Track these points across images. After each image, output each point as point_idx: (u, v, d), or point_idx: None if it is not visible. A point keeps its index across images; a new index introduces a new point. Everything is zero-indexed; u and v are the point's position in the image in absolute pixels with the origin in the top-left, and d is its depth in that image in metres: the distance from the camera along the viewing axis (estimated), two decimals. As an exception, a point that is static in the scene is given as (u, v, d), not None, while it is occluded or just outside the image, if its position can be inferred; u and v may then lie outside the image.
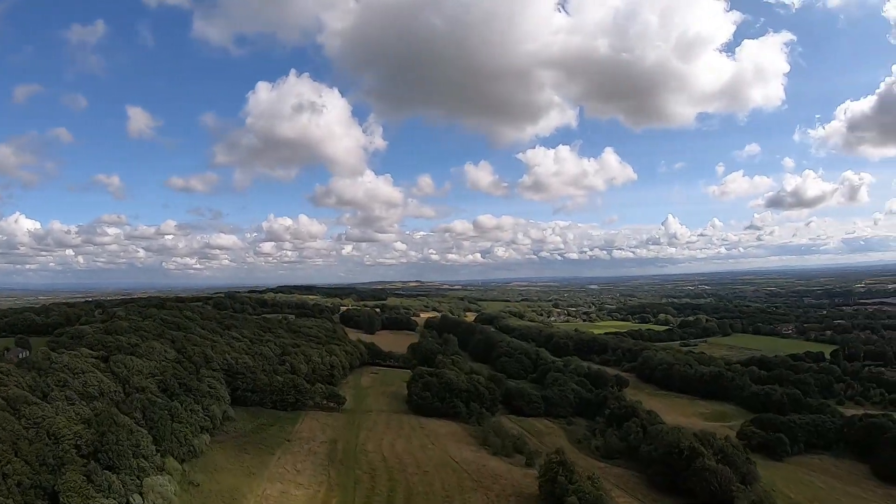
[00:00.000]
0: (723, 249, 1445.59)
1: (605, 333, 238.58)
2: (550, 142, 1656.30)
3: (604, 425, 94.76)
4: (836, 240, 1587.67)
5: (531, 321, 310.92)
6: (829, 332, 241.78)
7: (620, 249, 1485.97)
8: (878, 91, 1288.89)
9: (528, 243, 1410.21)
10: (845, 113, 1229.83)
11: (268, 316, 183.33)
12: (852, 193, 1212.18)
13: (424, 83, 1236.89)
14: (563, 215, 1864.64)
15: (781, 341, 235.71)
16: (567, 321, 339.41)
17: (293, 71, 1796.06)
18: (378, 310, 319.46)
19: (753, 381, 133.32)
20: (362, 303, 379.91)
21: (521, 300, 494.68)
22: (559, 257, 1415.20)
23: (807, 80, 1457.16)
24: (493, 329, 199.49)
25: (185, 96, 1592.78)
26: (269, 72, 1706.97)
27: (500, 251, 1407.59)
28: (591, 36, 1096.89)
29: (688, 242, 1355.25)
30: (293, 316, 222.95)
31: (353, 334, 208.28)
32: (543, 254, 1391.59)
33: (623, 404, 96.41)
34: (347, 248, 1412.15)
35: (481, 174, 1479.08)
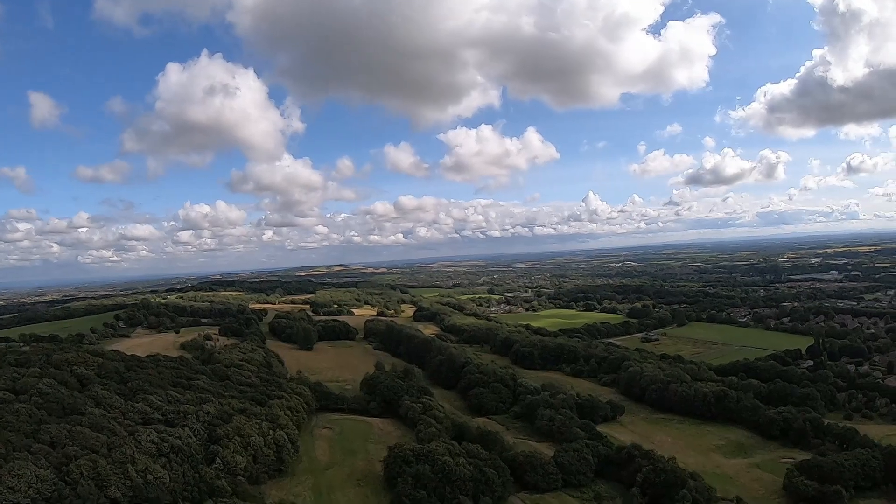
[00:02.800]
0: (642, 224, 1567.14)
1: (561, 331, 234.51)
2: (473, 122, 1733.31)
3: (640, 497, 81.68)
4: (752, 214, 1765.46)
5: (474, 315, 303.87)
6: (786, 320, 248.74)
7: (542, 226, 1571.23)
8: (798, 74, 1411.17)
9: (451, 223, 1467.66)
10: (766, 95, 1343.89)
11: (187, 356, 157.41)
12: (769, 171, 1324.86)
13: (343, 63, 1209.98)
14: (485, 194, 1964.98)
15: (740, 331, 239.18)
16: (509, 311, 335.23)
17: (205, 51, 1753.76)
18: (310, 310, 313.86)
19: (756, 397, 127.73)
20: (290, 298, 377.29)
21: (454, 286, 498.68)
22: (482, 235, 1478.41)
23: (731, 63, 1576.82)
24: (452, 345, 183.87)
25: (90, 81, 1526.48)
26: (179, 52, 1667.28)
27: (423, 231, 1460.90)
28: (516, 14, 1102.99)
29: (608, 218, 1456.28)
30: (216, 332, 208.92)
31: (288, 352, 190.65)
32: (466, 233, 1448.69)
33: (658, 466, 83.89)
34: (268, 234, 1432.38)
35: (402, 155, 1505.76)
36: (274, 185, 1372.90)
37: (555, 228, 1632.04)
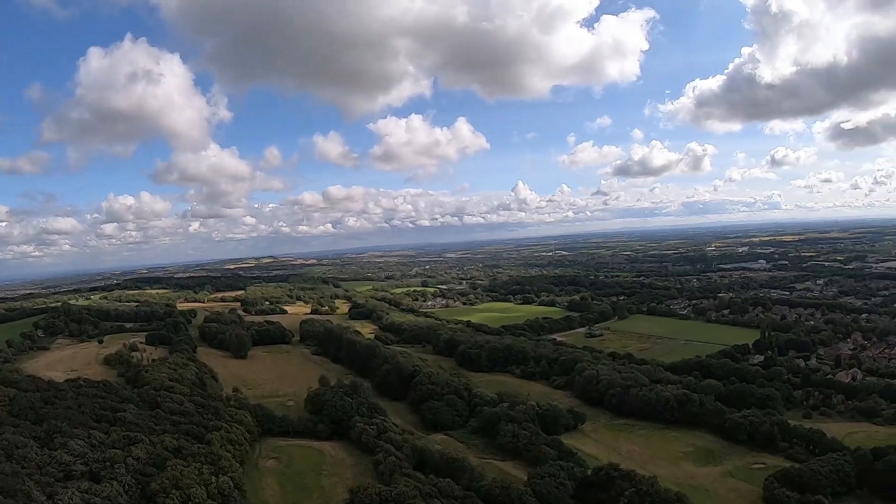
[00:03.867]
0: (571, 213, 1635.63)
1: (504, 327, 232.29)
2: (403, 112, 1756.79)
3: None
4: (678, 203, 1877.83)
5: (412, 311, 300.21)
6: (726, 312, 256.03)
7: (472, 216, 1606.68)
8: (727, 71, 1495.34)
9: (380, 212, 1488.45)
10: (694, 90, 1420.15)
11: (111, 379, 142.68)
12: (696, 163, 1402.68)
13: (272, 50, 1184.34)
14: (414, 184, 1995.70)
15: (682, 324, 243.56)
16: (446, 305, 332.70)
17: (129, 35, 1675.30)
18: (240, 308, 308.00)
19: (716, 399, 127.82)
20: (220, 296, 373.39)
21: (387, 278, 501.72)
22: (411, 225, 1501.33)
23: (663, 57, 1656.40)
24: (399, 351, 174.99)
25: (4, 66, 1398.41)
26: (101, 36, 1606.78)
27: (352, 221, 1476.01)
28: (450, 4, 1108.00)
29: (537, 208, 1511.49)
30: (142, 341, 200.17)
31: (220, 361, 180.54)
32: (395, 222, 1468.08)
33: (642, 489, 79.67)
34: (195, 226, 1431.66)
35: (331, 145, 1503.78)
36: (200, 176, 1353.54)
37: (484, 218, 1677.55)
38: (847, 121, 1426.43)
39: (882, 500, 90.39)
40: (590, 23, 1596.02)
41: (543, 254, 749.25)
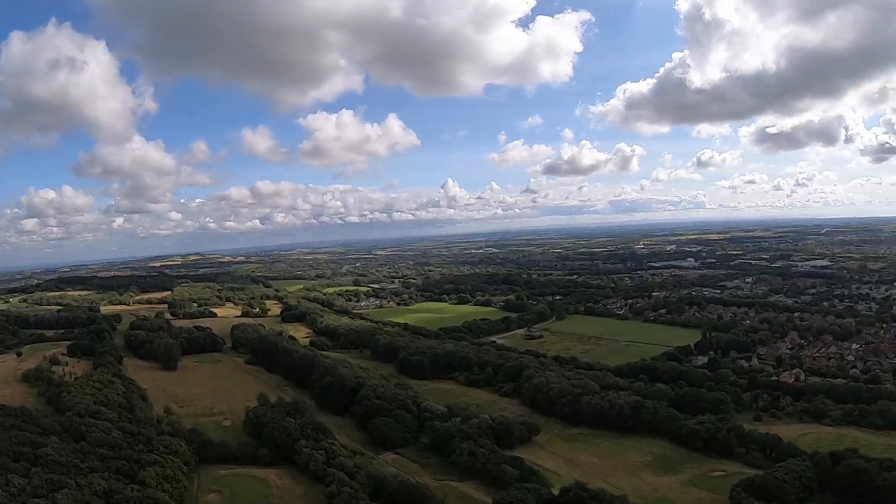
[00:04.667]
0: (499, 211, 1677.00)
1: (442, 329, 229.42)
2: (334, 107, 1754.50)
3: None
4: (605, 202, 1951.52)
5: (346, 313, 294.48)
6: (663, 312, 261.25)
7: (401, 212, 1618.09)
8: (657, 75, 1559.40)
9: (308, 208, 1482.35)
10: (625, 93, 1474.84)
11: (29, 405, 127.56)
12: (624, 163, 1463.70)
13: (200, 39, 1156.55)
14: (344, 180, 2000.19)
15: (621, 324, 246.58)
16: (380, 306, 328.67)
17: (53, 20, 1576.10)
18: (168, 311, 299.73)
19: (669, 404, 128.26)
20: (146, 297, 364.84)
21: (317, 276, 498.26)
22: (340, 221, 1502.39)
23: (596, 59, 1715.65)
24: (339, 360, 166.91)
25: None
26: (25, 20, 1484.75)
27: (280, 217, 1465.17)
28: None
29: (467, 205, 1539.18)
30: (64, 352, 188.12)
31: (149, 374, 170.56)
32: (324, 218, 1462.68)
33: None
34: (118, 221, 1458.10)
35: (259, 139, 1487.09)
36: (124, 169, 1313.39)
37: (413, 214, 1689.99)
38: (772, 126, 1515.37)
39: (843, 501, 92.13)
40: (525, 23, 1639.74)
41: (474, 251, 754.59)
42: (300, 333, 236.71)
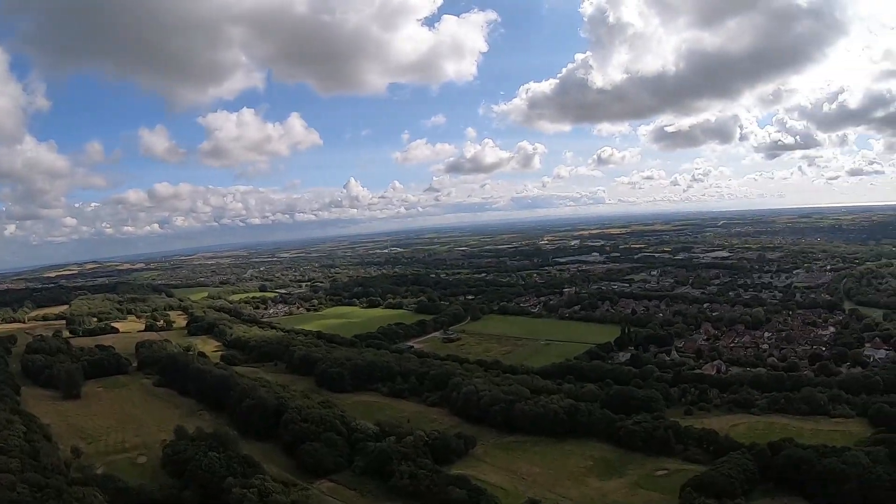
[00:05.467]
0: (402, 209, 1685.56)
1: (357, 337, 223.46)
2: (234, 105, 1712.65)
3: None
4: (507, 199, 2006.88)
5: (255, 322, 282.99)
6: (577, 308, 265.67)
7: (303, 213, 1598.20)
8: (560, 75, 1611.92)
9: (209, 211, 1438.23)
10: (528, 92, 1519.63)
11: None
12: (526, 161, 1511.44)
13: (95, 32, 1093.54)
14: (245, 181, 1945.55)
15: (537, 322, 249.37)
16: (289, 313, 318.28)
17: None
18: (66, 328, 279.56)
19: (602, 406, 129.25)
20: (41, 313, 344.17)
21: (221, 283, 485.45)
22: (241, 223, 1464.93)
23: (500, 59, 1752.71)
24: (256, 379, 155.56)
25: None
26: None
27: (180, 221, 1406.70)
28: None
29: (369, 204, 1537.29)
30: None
31: (51, 406, 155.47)
32: (225, 221, 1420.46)
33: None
34: (10, 228, 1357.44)
35: (157, 139, 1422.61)
36: (14, 172, 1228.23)
37: (315, 215, 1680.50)
38: (671, 124, 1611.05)
39: (784, 492, 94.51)
40: (431, 22, 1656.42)
41: (379, 251, 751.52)
42: (209, 347, 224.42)
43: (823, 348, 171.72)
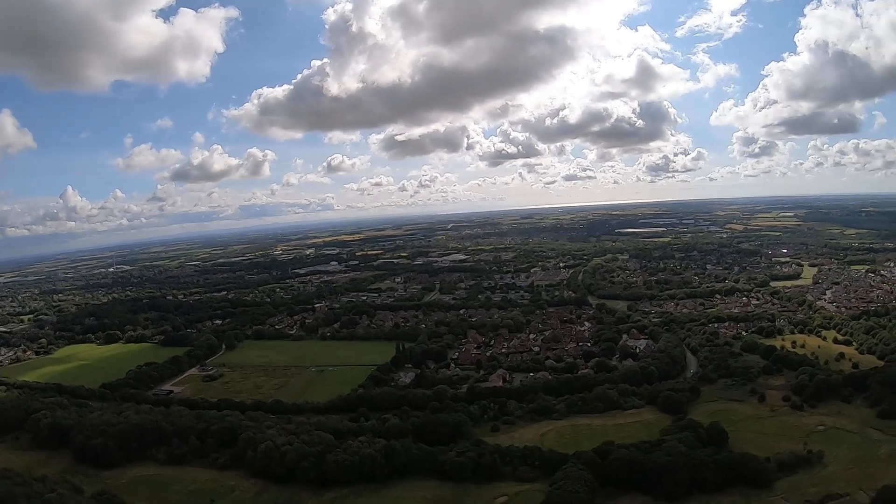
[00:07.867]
0: (125, 221, 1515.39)
1: (104, 386, 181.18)
2: None
3: None
4: (235, 207, 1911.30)
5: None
6: (337, 327, 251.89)
7: (15, 227, 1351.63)
8: (295, 81, 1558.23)
9: None
10: (260, 98, 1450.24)
11: None
12: (256, 168, 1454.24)
13: None
14: None
15: (299, 346, 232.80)
16: (17, 360, 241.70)
17: None
18: None
19: (415, 438, 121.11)
20: None
21: None
22: None
23: (236, 61, 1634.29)
24: (6, 475, 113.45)
25: None
26: None
27: None
28: None
29: (89, 216, 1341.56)
30: None
31: None
32: None
33: None
34: None
35: None
36: None
37: (29, 229, 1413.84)
38: (401, 134, 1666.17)
39: (624, 492, 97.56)
40: (168, 14, 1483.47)
41: (104, 270, 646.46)
42: None
43: (589, 343, 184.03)
